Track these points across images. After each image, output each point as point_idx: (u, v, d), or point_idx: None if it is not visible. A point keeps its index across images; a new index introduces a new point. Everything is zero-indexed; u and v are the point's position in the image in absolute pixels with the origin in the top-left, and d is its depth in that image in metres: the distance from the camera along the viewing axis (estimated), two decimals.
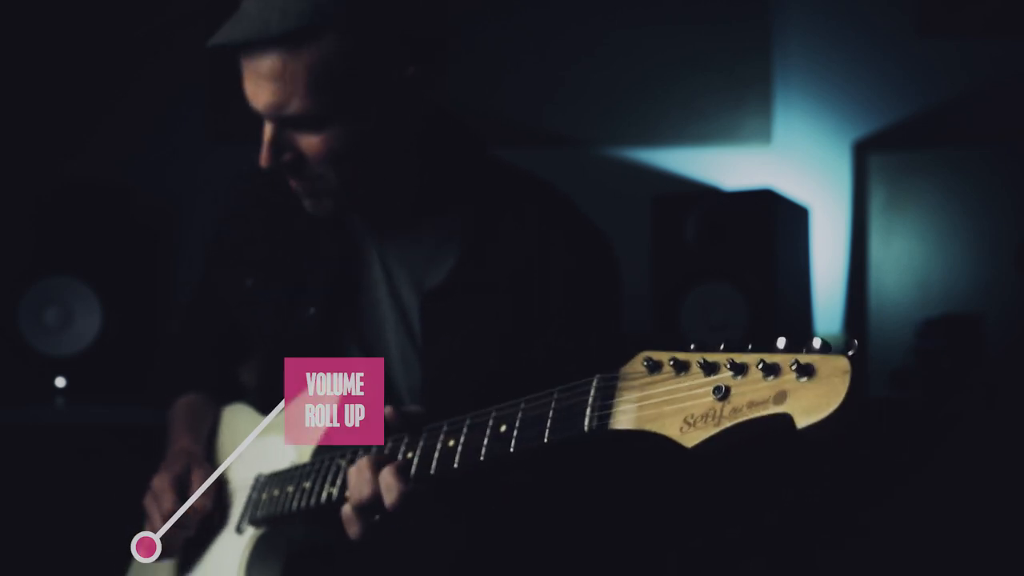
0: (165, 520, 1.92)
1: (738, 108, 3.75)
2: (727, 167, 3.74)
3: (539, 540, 1.89)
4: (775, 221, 3.36)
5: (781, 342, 1.28)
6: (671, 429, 1.31)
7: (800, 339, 1.27)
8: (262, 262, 2.05)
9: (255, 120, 1.85)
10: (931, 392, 3.27)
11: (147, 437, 2.18)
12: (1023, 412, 3.17)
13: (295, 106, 1.76)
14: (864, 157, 3.68)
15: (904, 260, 3.60)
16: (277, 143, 1.81)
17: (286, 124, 1.79)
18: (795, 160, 3.72)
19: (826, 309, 3.67)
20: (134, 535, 2.04)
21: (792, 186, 3.63)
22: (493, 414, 1.56)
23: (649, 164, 3.79)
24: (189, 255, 2.18)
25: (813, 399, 1.22)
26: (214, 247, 2.14)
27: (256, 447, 2.01)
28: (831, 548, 3.18)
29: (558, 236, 1.91)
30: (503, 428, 1.54)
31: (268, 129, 1.81)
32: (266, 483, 1.92)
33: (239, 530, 1.93)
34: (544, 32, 3.83)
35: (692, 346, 1.35)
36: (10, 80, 3.79)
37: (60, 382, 3.42)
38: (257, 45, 1.75)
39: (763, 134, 3.74)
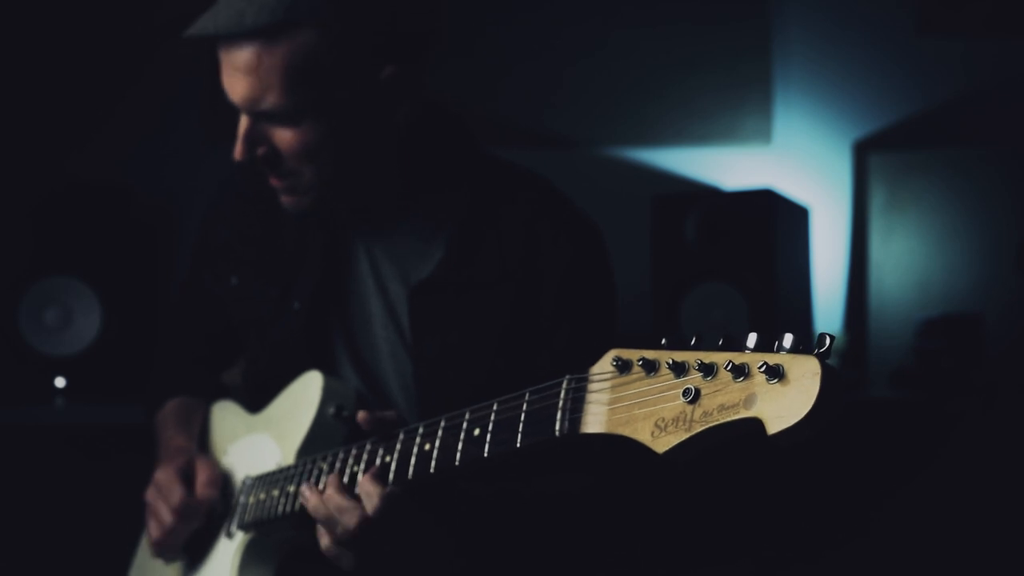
0: (174, 513, 1.90)
1: (738, 108, 3.75)
2: (727, 167, 3.73)
3: (529, 545, 1.88)
4: (775, 221, 3.35)
5: (751, 340, 1.23)
6: (642, 434, 1.28)
7: (772, 335, 1.22)
8: (248, 260, 2.04)
9: None
10: (931, 392, 3.27)
11: (147, 437, 2.18)
12: (1023, 412, 3.17)
13: (270, 100, 1.75)
14: (864, 157, 3.67)
15: (904, 260, 3.60)
16: (252, 137, 1.80)
17: (261, 118, 1.79)
18: (795, 160, 3.72)
19: (826, 309, 3.67)
20: (134, 535, 2.04)
21: (792, 186, 3.63)
22: (467, 416, 1.55)
23: (649, 164, 3.79)
24: (188, 255, 2.19)
25: (783, 403, 1.17)
26: (200, 246, 2.14)
27: (243, 445, 2.00)
28: (832, 548, 3.18)
29: (549, 229, 1.90)
30: (477, 432, 1.52)
31: (243, 122, 1.80)
32: (252, 486, 1.91)
33: (229, 534, 1.92)
34: (544, 32, 3.83)
35: (663, 341, 1.32)
36: (10, 80, 3.79)
37: (60, 382, 3.42)
38: (233, 38, 1.74)
39: (763, 134, 3.74)
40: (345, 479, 1.69)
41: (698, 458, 1.26)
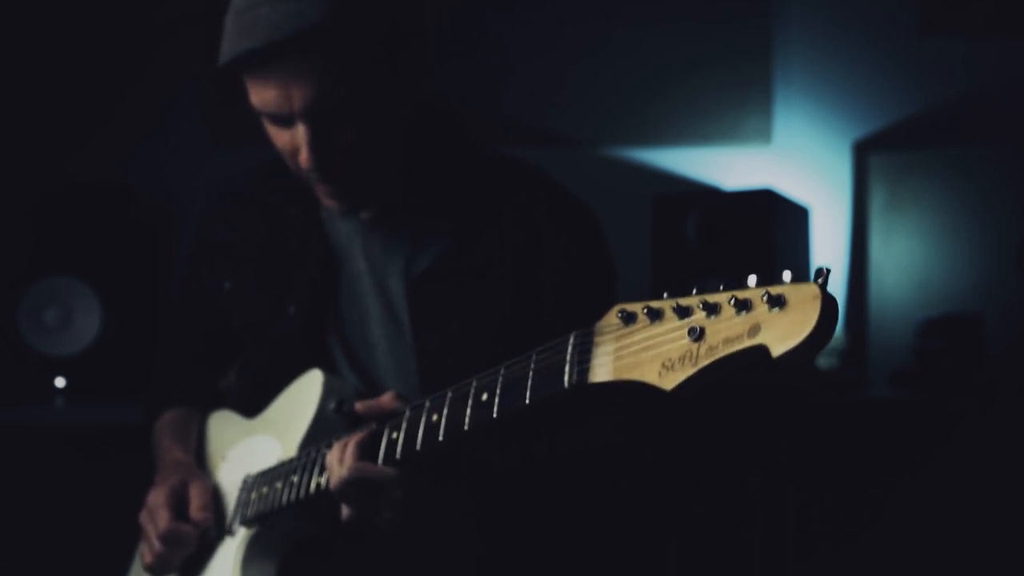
0: (161, 539, 1.90)
1: (738, 108, 3.75)
2: (727, 167, 3.73)
3: (544, 503, 1.90)
4: (775, 221, 3.35)
5: (752, 279, 1.28)
6: (650, 375, 1.31)
7: (771, 276, 1.27)
8: (246, 262, 2.04)
9: (255, 121, 1.85)
10: (931, 392, 3.27)
11: (147, 437, 2.18)
12: (1023, 412, 3.17)
13: (340, 93, 1.74)
14: (864, 157, 3.67)
15: (904, 260, 3.60)
16: (317, 141, 1.78)
17: (324, 119, 1.77)
18: (795, 160, 3.72)
19: None
20: (134, 535, 2.04)
21: (792, 186, 3.63)
22: (474, 383, 1.57)
23: (650, 164, 3.79)
24: (187, 255, 2.21)
25: (786, 327, 1.21)
26: (199, 244, 2.14)
27: (242, 449, 2.00)
28: (832, 548, 3.18)
29: (549, 220, 1.91)
30: (485, 396, 1.54)
31: (304, 131, 1.77)
32: (254, 482, 1.92)
33: (231, 532, 1.92)
34: (545, 32, 3.83)
35: (665, 294, 1.36)
36: (10, 80, 3.79)
37: (60, 382, 3.42)
38: (286, 45, 1.71)
39: (763, 134, 3.74)
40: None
41: (706, 391, 1.29)
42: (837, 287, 3.69)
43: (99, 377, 3.44)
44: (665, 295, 1.35)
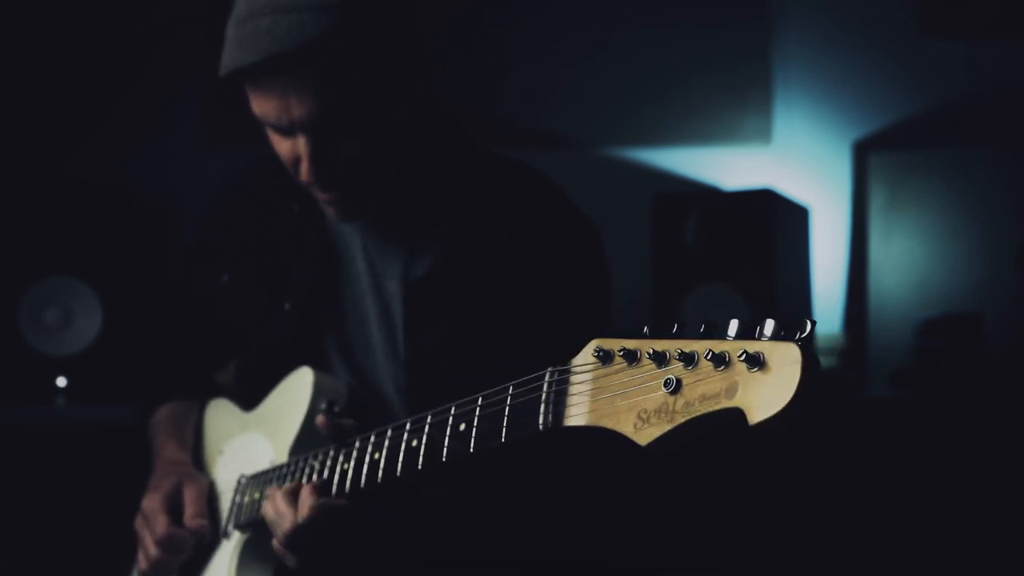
0: (159, 545, 1.90)
1: (738, 108, 3.75)
2: (727, 167, 3.73)
3: (508, 542, 1.89)
4: (775, 221, 3.36)
5: (733, 327, 1.22)
6: (625, 426, 1.27)
7: (753, 322, 1.21)
8: (239, 260, 2.04)
9: (253, 123, 1.85)
10: (931, 392, 3.27)
11: (147, 437, 2.18)
12: (1023, 412, 3.17)
13: (340, 103, 1.74)
14: (864, 157, 3.67)
15: (904, 260, 3.60)
16: (318, 154, 1.77)
17: (323, 131, 1.76)
18: (795, 160, 3.72)
19: (826, 309, 3.67)
20: (133, 536, 2.04)
21: (792, 186, 3.63)
22: (453, 411, 1.55)
23: (649, 164, 3.79)
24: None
25: (764, 393, 1.16)
26: (198, 244, 2.14)
27: (238, 444, 2.00)
28: (832, 548, 3.18)
29: (545, 223, 1.90)
30: (463, 427, 1.52)
31: (304, 143, 1.77)
32: (247, 485, 1.91)
33: (226, 535, 1.92)
34: (544, 33, 3.83)
35: (645, 329, 1.30)
36: (10, 80, 3.79)
37: (60, 382, 3.42)
38: (281, 59, 1.70)
39: (763, 134, 3.74)
40: (335, 479, 1.72)
41: (682, 449, 1.25)
42: (837, 287, 3.69)
43: (99, 377, 3.43)
44: (646, 329, 1.30)
